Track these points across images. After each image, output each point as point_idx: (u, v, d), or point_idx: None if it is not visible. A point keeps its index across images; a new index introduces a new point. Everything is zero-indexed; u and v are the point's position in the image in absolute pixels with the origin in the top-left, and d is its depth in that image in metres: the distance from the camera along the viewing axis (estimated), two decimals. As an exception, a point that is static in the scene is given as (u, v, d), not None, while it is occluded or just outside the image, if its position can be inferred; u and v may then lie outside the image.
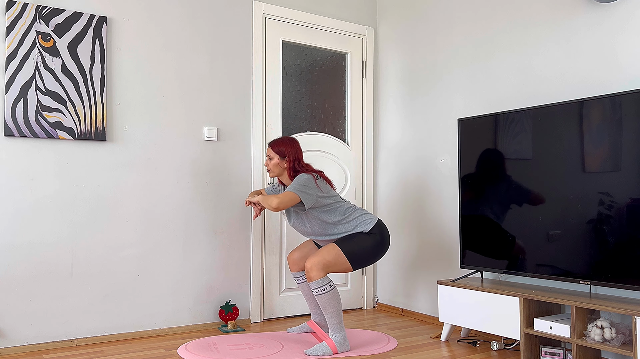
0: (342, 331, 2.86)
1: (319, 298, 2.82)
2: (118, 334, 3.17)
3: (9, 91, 2.90)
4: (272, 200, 2.81)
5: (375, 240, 2.91)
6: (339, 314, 2.85)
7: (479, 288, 2.90)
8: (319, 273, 2.81)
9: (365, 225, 2.93)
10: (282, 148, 3.01)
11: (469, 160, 3.15)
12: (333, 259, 2.83)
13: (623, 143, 2.45)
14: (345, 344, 2.85)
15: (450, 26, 3.61)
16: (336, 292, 2.85)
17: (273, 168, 3.02)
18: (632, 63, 2.61)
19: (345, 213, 2.96)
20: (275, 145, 3.02)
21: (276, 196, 2.83)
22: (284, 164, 3.01)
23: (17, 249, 2.92)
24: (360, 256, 2.88)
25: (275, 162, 3.01)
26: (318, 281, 2.81)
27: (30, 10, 2.95)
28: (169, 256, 3.35)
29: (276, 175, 3.05)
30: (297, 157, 3.01)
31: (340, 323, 2.86)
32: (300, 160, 3.02)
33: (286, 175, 3.04)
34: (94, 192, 3.13)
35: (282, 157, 3.01)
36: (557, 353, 2.62)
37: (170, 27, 3.40)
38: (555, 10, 2.96)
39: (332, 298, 2.82)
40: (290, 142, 3.03)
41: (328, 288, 2.82)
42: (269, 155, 3.05)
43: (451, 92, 3.58)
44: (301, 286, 3.20)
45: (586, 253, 2.58)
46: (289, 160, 3.00)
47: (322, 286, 2.81)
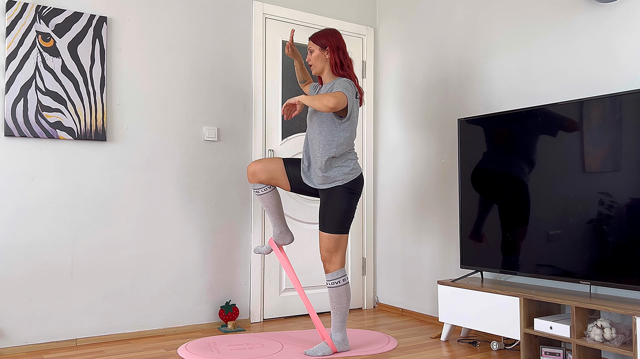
0: (344, 330, 2.86)
1: (331, 291, 2.80)
2: (118, 334, 3.17)
3: (9, 91, 2.90)
4: (329, 100, 2.56)
5: (349, 196, 2.78)
6: (344, 313, 2.84)
7: (479, 288, 2.90)
8: (335, 265, 2.79)
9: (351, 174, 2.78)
10: (323, 39, 2.80)
11: (469, 160, 3.15)
12: (334, 244, 2.79)
13: (623, 143, 2.45)
14: (345, 344, 2.85)
15: (450, 26, 3.61)
16: (348, 288, 2.83)
17: (314, 61, 2.83)
18: (632, 63, 2.61)
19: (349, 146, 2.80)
20: (317, 37, 2.81)
21: (332, 95, 2.57)
22: (326, 55, 2.81)
23: (17, 249, 2.92)
24: (343, 220, 2.79)
25: (316, 53, 2.81)
26: (333, 273, 2.79)
27: (30, 10, 2.95)
28: (169, 256, 3.35)
29: (319, 70, 2.84)
30: (340, 47, 2.81)
31: (343, 322, 2.86)
32: (343, 50, 2.82)
33: (328, 69, 2.83)
34: (94, 192, 3.13)
35: (322, 48, 2.81)
36: (557, 353, 2.62)
37: (170, 27, 3.40)
38: (555, 10, 2.96)
39: (343, 293, 2.80)
40: (332, 32, 2.83)
41: (341, 282, 2.80)
42: (310, 49, 2.84)
43: (451, 92, 3.58)
44: (262, 197, 2.94)
45: (586, 253, 2.58)
46: (331, 50, 2.79)
47: (336, 279, 2.79)
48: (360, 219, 4.15)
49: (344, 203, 2.79)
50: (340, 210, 2.79)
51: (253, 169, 2.91)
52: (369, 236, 4.16)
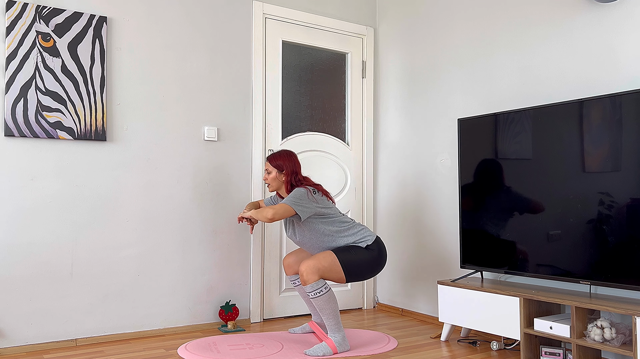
0: (341, 331, 2.87)
1: (314, 300, 2.83)
2: (118, 334, 3.17)
3: (9, 91, 2.90)
4: (267, 212, 2.84)
5: (373, 256, 2.92)
6: (336, 315, 2.85)
7: (479, 288, 2.90)
8: (313, 276, 2.80)
9: (364, 240, 2.94)
10: (280, 162, 3.03)
11: (469, 160, 3.15)
12: (328, 265, 2.83)
13: (623, 143, 2.45)
14: (345, 343, 2.85)
15: (450, 26, 3.61)
16: (332, 294, 2.84)
17: (271, 182, 3.05)
18: (631, 63, 2.61)
19: (344, 224, 2.97)
20: (273, 159, 3.05)
21: (271, 207, 2.86)
22: (282, 178, 3.04)
23: (17, 249, 2.92)
24: (355, 268, 2.87)
25: (273, 175, 3.04)
26: (313, 284, 2.80)
27: (30, 10, 2.95)
28: (169, 256, 3.35)
29: (275, 188, 3.07)
30: (294, 171, 3.04)
31: (338, 323, 2.86)
32: (298, 173, 3.05)
33: (284, 189, 3.07)
34: (94, 192, 3.13)
35: (280, 171, 3.04)
36: (557, 353, 2.62)
37: (170, 27, 3.40)
38: (555, 10, 2.96)
39: (328, 299, 2.82)
40: (288, 156, 3.06)
41: (323, 291, 2.81)
42: (267, 169, 3.08)
43: (451, 92, 3.58)
44: (298, 288, 3.23)
45: (586, 253, 2.58)
46: (286, 174, 3.03)
47: (317, 289, 2.81)
48: (360, 219, 4.15)
49: (365, 257, 2.91)
50: (360, 258, 2.89)
51: (287, 262, 3.20)
52: (369, 236, 4.15)
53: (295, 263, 3.18)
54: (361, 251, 2.91)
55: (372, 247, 2.93)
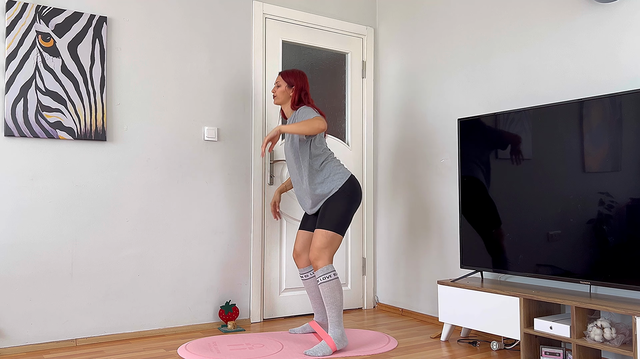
0: (341, 326, 2.89)
1: (322, 286, 2.87)
2: (118, 334, 3.17)
3: (9, 91, 2.90)
4: (318, 123, 2.88)
5: (347, 199, 2.98)
6: (339, 307, 2.89)
7: (479, 288, 2.90)
8: (324, 261, 2.89)
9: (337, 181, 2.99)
10: (292, 79, 3.14)
11: (469, 160, 3.15)
12: (327, 240, 2.91)
13: (623, 143, 2.45)
14: (344, 340, 2.87)
15: (450, 26, 3.61)
16: (339, 283, 2.90)
17: (279, 94, 3.15)
18: (632, 63, 2.61)
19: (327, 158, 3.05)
20: (286, 75, 3.16)
21: (304, 122, 2.87)
22: (290, 92, 3.13)
23: (17, 249, 2.92)
24: (341, 221, 2.96)
25: (282, 89, 3.14)
26: (323, 268, 2.89)
27: (30, 10, 2.95)
28: (169, 256, 3.35)
29: (280, 102, 3.16)
30: (303, 88, 3.14)
31: (339, 317, 2.89)
32: (306, 92, 3.15)
33: (289, 104, 3.15)
34: (93, 192, 3.13)
35: (289, 86, 3.14)
36: (557, 353, 2.62)
37: (170, 27, 3.40)
38: (556, 10, 2.96)
39: (335, 287, 2.88)
40: (300, 75, 3.17)
41: (332, 276, 2.88)
42: (277, 83, 3.17)
43: (451, 92, 3.58)
44: (306, 282, 3.20)
45: (586, 253, 2.58)
46: (295, 90, 3.12)
47: (326, 274, 2.88)
48: (360, 219, 4.15)
49: (342, 206, 2.97)
50: (339, 211, 2.96)
51: (296, 253, 3.20)
52: (369, 236, 4.16)
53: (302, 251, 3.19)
54: (336, 203, 2.96)
55: (345, 188, 2.98)
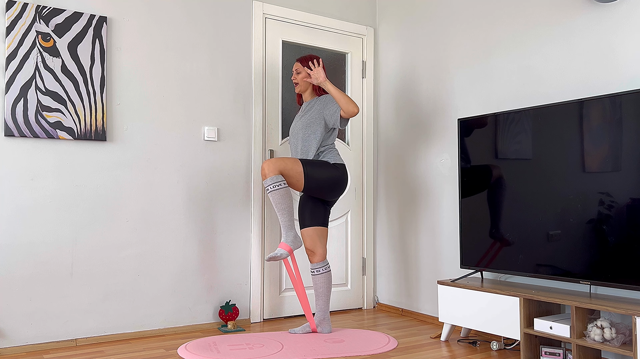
0: (293, 229, 3.07)
1: (271, 194, 3.00)
2: (118, 334, 3.17)
3: (9, 91, 2.90)
4: (355, 105, 3.02)
5: (334, 174, 3.12)
6: (290, 212, 3.04)
7: (479, 288, 2.90)
8: (273, 172, 3.00)
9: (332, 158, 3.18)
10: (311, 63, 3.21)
11: (469, 160, 3.15)
12: (291, 167, 3.03)
13: (623, 143, 2.45)
14: (297, 240, 3.06)
15: (450, 26, 3.61)
16: (288, 191, 3.02)
17: (301, 82, 3.28)
18: (631, 63, 2.61)
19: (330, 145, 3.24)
20: (304, 61, 3.26)
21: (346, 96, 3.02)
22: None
23: (17, 249, 2.92)
24: (315, 180, 3.07)
25: (303, 75, 3.25)
26: (272, 177, 2.99)
27: (30, 10, 2.95)
28: (169, 256, 3.35)
29: (303, 89, 3.28)
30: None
31: (291, 221, 3.05)
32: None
33: (310, 90, 3.30)
34: (94, 192, 3.13)
35: None
36: (557, 353, 2.62)
37: (170, 27, 3.40)
38: (555, 10, 2.96)
39: (285, 194, 3.00)
40: (318, 59, 3.24)
41: (282, 185, 3.00)
42: (296, 70, 3.28)
43: (451, 92, 3.58)
44: (315, 278, 3.21)
45: (586, 253, 2.58)
46: None
47: (275, 183, 2.99)
48: (360, 219, 4.15)
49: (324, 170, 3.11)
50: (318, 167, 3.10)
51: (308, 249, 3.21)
52: (369, 236, 4.16)
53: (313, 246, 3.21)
54: (325, 166, 3.12)
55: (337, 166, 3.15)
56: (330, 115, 3.14)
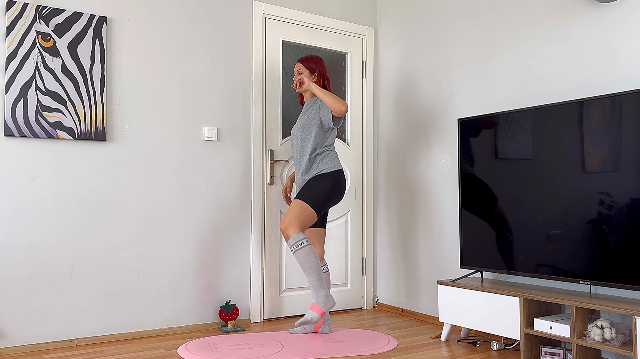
0: (323, 288, 2.98)
1: (296, 255, 2.97)
2: (118, 334, 3.17)
3: (9, 91, 2.90)
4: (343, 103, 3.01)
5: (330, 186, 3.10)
6: (317, 270, 2.97)
7: (479, 288, 2.90)
8: (294, 230, 2.98)
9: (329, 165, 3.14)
10: (312, 64, 3.24)
11: (469, 160, 3.15)
12: (299, 210, 3.02)
13: (623, 143, 2.45)
14: (330, 300, 2.99)
15: (450, 26, 3.61)
16: (312, 248, 2.99)
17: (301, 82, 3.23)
18: (632, 63, 2.61)
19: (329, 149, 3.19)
20: (306, 61, 3.25)
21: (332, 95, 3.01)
22: (313, 79, 3.23)
23: (17, 249, 2.92)
24: (319, 199, 3.06)
25: (305, 75, 3.22)
26: (294, 237, 2.98)
27: (30, 10, 2.95)
28: (169, 256, 3.35)
29: (304, 90, 3.22)
30: (324, 74, 3.26)
31: (320, 280, 2.98)
32: (326, 76, 3.26)
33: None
34: (94, 192, 3.13)
35: (311, 72, 3.24)
36: (557, 353, 2.62)
37: (170, 27, 3.40)
38: (555, 10, 2.96)
39: (309, 253, 2.97)
40: (319, 59, 3.27)
41: (305, 243, 2.97)
42: (298, 70, 3.26)
43: (451, 92, 3.58)
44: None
45: (586, 253, 2.58)
46: (318, 76, 3.24)
47: (298, 242, 2.97)
48: (361, 219, 4.15)
49: (324, 186, 3.09)
50: (320, 189, 3.08)
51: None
52: (369, 236, 4.16)
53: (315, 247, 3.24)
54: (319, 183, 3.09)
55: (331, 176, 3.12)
56: (324, 115, 3.14)
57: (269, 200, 3.74)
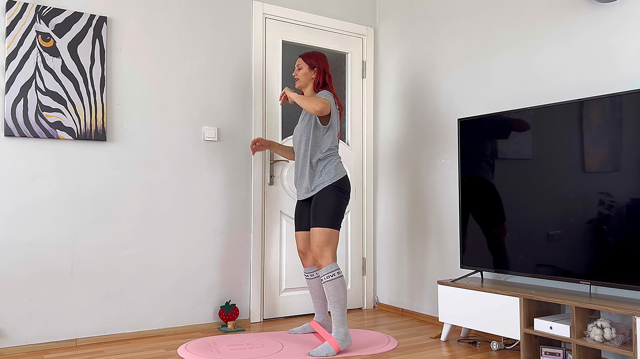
0: (345, 325, 2.87)
1: (326, 285, 2.86)
2: (118, 334, 3.17)
3: (9, 91, 2.90)
4: (317, 103, 2.84)
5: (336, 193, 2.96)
6: (343, 306, 2.87)
7: (479, 288, 2.90)
8: (327, 260, 2.89)
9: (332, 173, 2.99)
10: (313, 60, 3.09)
11: (469, 160, 3.15)
12: (325, 237, 2.90)
13: (623, 143, 2.45)
14: (348, 339, 2.86)
15: (450, 26, 3.61)
16: (344, 282, 2.89)
17: (301, 77, 3.09)
18: (632, 63, 2.61)
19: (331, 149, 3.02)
20: (307, 57, 3.11)
21: (320, 99, 2.85)
22: (312, 75, 3.09)
23: (17, 249, 2.92)
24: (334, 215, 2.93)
25: (304, 71, 3.09)
26: (327, 267, 2.88)
27: (30, 10, 2.95)
28: (169, 256, 3.35)
29: (303, 85, 3.11)
30: (325, 70, 3.10)
31: (343, 316, 2.88)
32: (329, 73, 3.11)
33: (311, 86, 3.11)
34: (94, 192, 3.13)
35: (311, 68, 3.09)
36: (557, 353, 2.62)
37: (170, 27, 3.40)
38: (555, 10, 2.96)
39: (339, 286, 2.87)
40: (321, 56, 3.12)
41: (336, 275, 2.87)
42: (298, 65, 3.12)
43: (451, 92, 3.58)
44: (310, 282, 3.20)
45: (586, 253, 2.58)
46: (318, 72, 3.08)
47: (331, 272, 2.87)
48: (360, 219, 4.15)
49: (333, 200, 2.95)
50: (330, 206, 2.94)
51: (301, 253, 3.17)
52: (369, 236, 4.16)
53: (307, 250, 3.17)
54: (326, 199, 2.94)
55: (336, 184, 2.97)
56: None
57: (269, 200, 3.74)
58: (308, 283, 3.20)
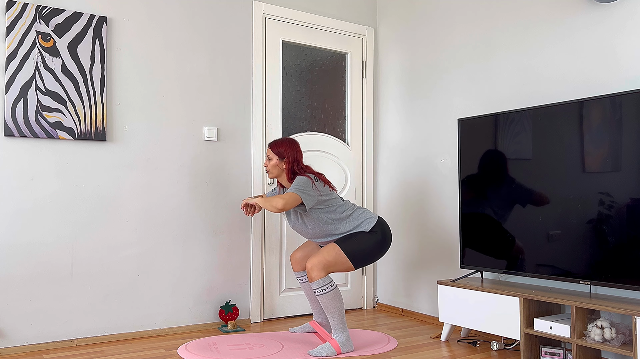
0: (345, 331, 2.86)
1: (320, 298, 2.82)
2: (118, 334, 3.17)
3: (9, 91, 2.90)
4: (277, 201, 2.76)
5: (377, 239, 2.90)
6: (341, 314, 2.85)
7: (479, 288, 2.90)
8: (319, 273, 2.80)
9: (366, 224, 2.91)
10: (282, 149, 2.97)
11: (469, 160, 3.15)
12: (333, 259, 2.82)
13: (623, 143, 2.45)
14: (349, 344, 2.85)
15: (450, 26, 3.61)
16: (338, 292, 2.84)
17: (272, 169, 3.00)
18: (632, 63, 2.61)
19: (345, 211, 2.94)
20: (275, 146, 2.99)
21: (280, 196, 2.77)
22: (283, 165, 2.98)
23: (17, 249, 2.92)
24: (361, 255, 2.86)
25: (274, 162, 2.99)
26: (319, 281, 2.80)
27: (30, 10, 2.95)
28: (169, 256, 3.35)
29: (275, 176, 3.02)
30: (296, 159, 2.98)
31: (343, 323, 2.86)
32: (299, 162, 2.99)
33: (285, 177, 3.01)
34: (94, 192, 3.13)
35: (281, 158, 2.98)
36: (557, 353, 2.62)
37: (170, 27, 3.40)
38: (555, 10, 2.96)
39: (334, 297, 2.82)
40: (290, 144, 3.00)
41: (329, 288, 2.81)
42: (268, 156, 3.02)
43: (451, 92, 3.58)
44: (303, 285, 3.20)
45: (586, 253, 2.58)
46: (287, 162, 2.97)
47: (323, 286, 2.81)
48: (360, 219, 4.15)
49: (369, 242, 2.88)
50: (365, 244, 2.87)
51: (295, 258, 3.20)
52: (369, 236, 4.15)
53: (302, 259, 3.15)
54: (364, 236, 2.89)
55: (375, 229, 2.91)
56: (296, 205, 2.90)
57: (269, 200, 3.73)
58: (302, 286, 3.21)
